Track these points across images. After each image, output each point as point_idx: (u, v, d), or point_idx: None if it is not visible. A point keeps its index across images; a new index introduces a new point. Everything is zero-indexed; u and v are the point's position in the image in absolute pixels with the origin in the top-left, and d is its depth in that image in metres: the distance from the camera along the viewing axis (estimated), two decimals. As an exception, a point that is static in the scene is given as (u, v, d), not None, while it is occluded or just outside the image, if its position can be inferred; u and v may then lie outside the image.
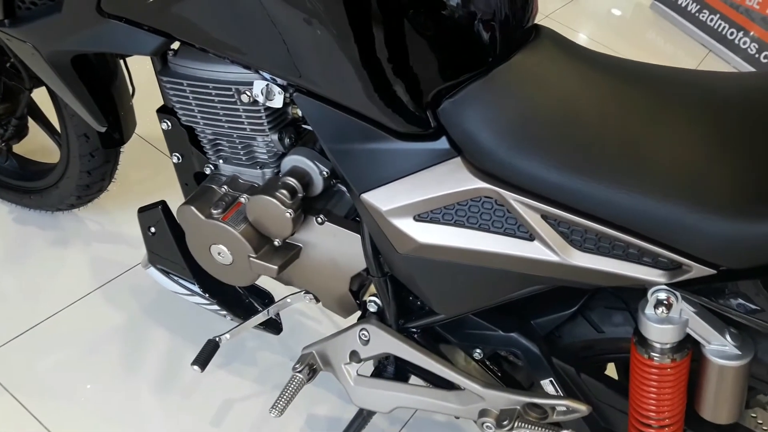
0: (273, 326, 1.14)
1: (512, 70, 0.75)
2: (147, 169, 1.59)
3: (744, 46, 2.65)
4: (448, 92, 0.74)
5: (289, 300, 1.06)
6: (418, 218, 0.78)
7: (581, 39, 2.68)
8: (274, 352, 1.28)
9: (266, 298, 1.13)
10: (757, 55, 2.60)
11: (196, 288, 1.08)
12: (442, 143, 0.76)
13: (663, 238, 0.66)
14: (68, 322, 1.26)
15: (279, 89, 0.82)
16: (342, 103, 0.77)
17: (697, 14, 2.81)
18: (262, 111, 0.85)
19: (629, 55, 2.57)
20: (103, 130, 1.05)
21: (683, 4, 2.88)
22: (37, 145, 1.40)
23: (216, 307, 1.10)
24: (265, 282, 1.07)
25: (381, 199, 0.80)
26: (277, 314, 1.13)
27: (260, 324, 1.11)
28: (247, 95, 0.84)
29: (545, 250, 0.72)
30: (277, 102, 0.83)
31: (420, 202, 0.77)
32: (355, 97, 0.76)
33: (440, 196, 0.76)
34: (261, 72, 0.81)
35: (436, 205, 0.77)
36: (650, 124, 0.72)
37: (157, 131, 1.01)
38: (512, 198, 0.72)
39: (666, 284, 0.69)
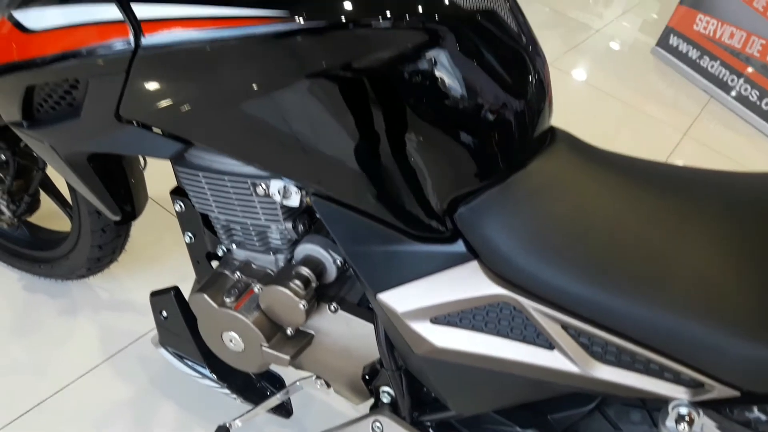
0: (283, 410, 1.13)
1: (529, 178, 0.75)
2: (155, 231, 1.59)
3: (745, 93, 2.67)
4: (464, 198, 0.75)
5: (300, 384, 1.05)
6: (435, 321, 0.78)
7: (583, 85, 2.70)
8: (283, 426, 1.27)
9: (277, 383, 1.12)
10: (758, 102, 2.62)
11: (207, 372, 1.08)
12: (459, 246, 0.76)
13: (685, 356, 0.66)
14: (75, 398, 1.26)
15: (296, 189, 0.82)
16: (359, 207, 0.77)
17: (697, 60, 2.84)
18: (278, 205, 0.86)
19: (631, 99, 2.59)
20: (117, 219, 1.05)
21: (684, 50, 2.91)
22: (48, 210, 1.40)
23: (227, 390, 1.09)
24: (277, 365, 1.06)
25: (397, 300, 0.79)
26: (288, 398, 1.12)
27: (270, 408, 1.10)
28: (263, 188, 0.84)
29: (565, 360, 0.72)
30: (294, 201, 0.83)
31: (437, 306, 0.77)
32: (372, 202, 0.76)
33: (458, 300, 0.76)
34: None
35: (453, 309, 0.77)
36: (671, 234, 0.72)
37: (164, 192, 1.01)
38: (531, 307, 0.72)
39: (688, 401, 0.69)
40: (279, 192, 0.83)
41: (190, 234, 1.01)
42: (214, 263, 1.03)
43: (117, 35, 0.70)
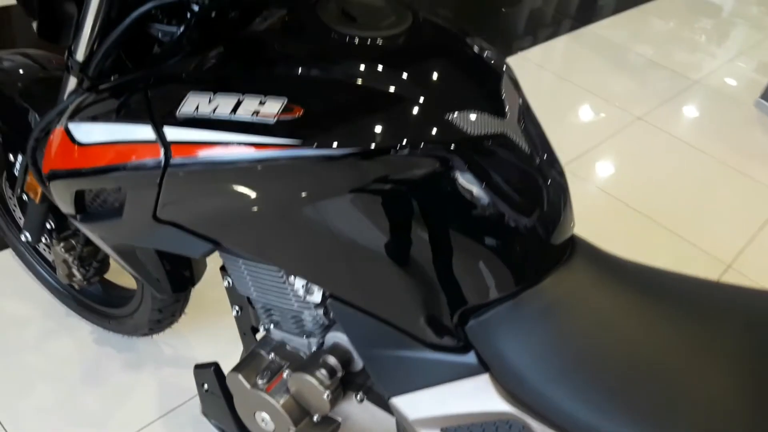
0: None
1: (542, 294, 0.73)
2: (222, 287, 1.65)
3: None
4: (476, 310, 0.74)
5: None
6: (445, 431, 0.77)
7: (676, 142, 2.58)
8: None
9: None
10: None
11: (244, 447, 1.10)
12: (471, 358, 0.75)
13: None
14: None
15: (318, 287, 0.85)
16: (373, 312, 0.78)
17: (806, 116, 2.65)
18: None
19: (733, 159, 2.45)
20: (163, 296, 1.11)
21: (791, 105, 2.72)
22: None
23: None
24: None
25: (409, 406, 0.79)
26: None
27: None
28: (291, 280, 0.88)
29: None
30: (316, 298, 0.86)
31: (447, 417, 0.76)
32: (385, 308, 0.77)
33: (467, 414, 0.75)
34: None
35: (463, 422, 0.75)
36: (691, 362, 0.68)
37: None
38: (540, 429, 0.70)
39: None
40: (302, 287, 0.87)
41: (237, 308, 1.06)
42: (259, 335, 1.07)
43: (150, 154, 0.76)
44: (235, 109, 0.70)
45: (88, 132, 0.82)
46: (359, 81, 0.69)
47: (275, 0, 0.81)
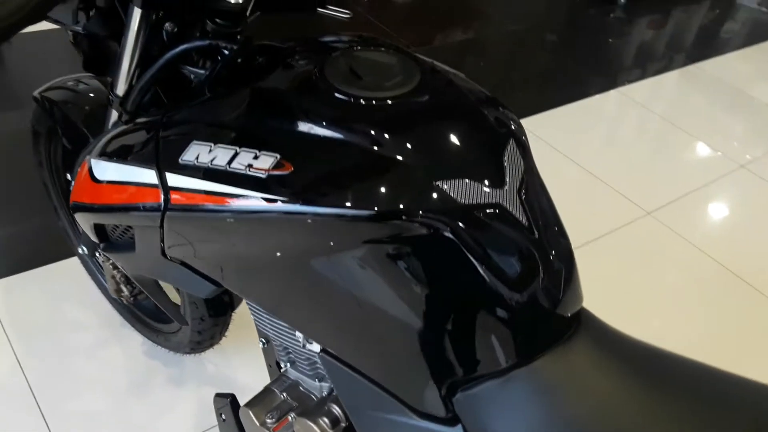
0: None
1: (536, 374, 0.67)
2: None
3: None
4: (464, 383, 0.69)
5: None
6: None
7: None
8: None
9: None
10: None
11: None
12: (458, 431, 0.70)
13: None
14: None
15: None
16: (361, 370, 0.75)
17: None
18: None
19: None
20: (179, 326, 1.13)
21: None
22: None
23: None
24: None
25: (393, 470, 0.75)
26: None
27: None
28: None
29: None
30: (316, 347, 0.85)
31: (428, 487, 0.72)
32: (374, 368, 0.74)
33: None
34: None
35: None
36: None
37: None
38: None
39: None
40: (302, 335, 0.86)
41: (263, 340, 1.07)
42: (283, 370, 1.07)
43: (152, 198, 0.78)
44: (230, 161, 0.71)
45: (104, 170, 0.86)
46: (351, 142, 0.68)
47: (293, 52, 0.81)
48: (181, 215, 0.76)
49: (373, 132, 0.67)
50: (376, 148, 0.66)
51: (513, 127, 0.74)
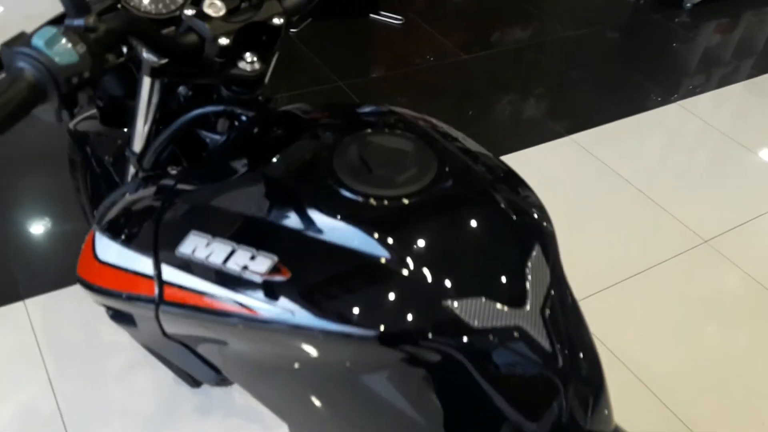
0: None
1: None
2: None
3: None
4: None
5: None
6: None
7: None
8: None
9: None
10: None
11: None
12: None
13: None
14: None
15: None
16: None
17: None
18: None
19: None
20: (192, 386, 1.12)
21: None
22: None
23: None
24: None
25: None
26: None
27: None
28: None
29: None
30: None
31: None
32: None
33: None
34: None
35: None
36: None
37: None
38: None
39: None
40: None
41: None
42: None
43: (146, 290, 0.75)
44: (227, 260, 0.67)
45: (106, 249, 0.82)
46: (355, 250, 0.62)
47: (308, 127, 0.76)
48: (175, 311, 0.72)
49: (379, 239, 0.61)
50: (382, 258, 0.60)
51: (541, 224, 0.68)
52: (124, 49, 0.65)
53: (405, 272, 0.60)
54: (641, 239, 2.12)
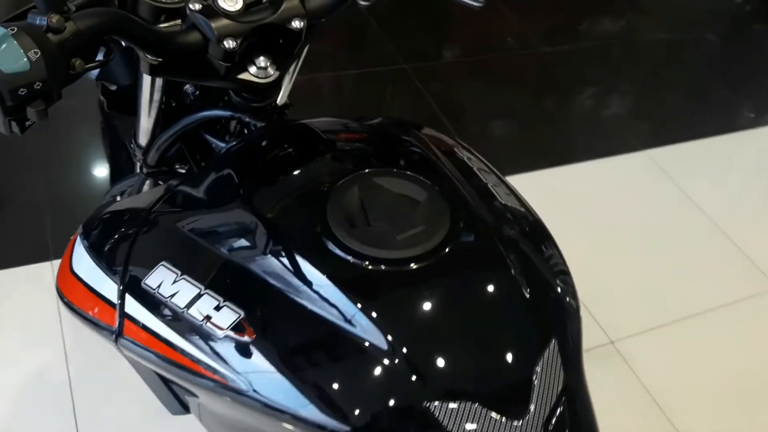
0: None
1: None
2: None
3: None
4: None
5: None
6: None
7: None
8: None
9: None
10: None
11: None
12: None
13: None
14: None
15: None
16: None
17: None
18: None
19: None
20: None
21: None
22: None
23: None
24: None
25: None
26: None
27: None
28: None
29: None
30: None
31: None
32: None
33: None
34: None
35: None
36: None
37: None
38: None
39: None
40: None
41: None
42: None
43: (108, 319, 0.66)
44: (190, 304, 0.58)
45: (80, 260, 0.72)
46: (334, 322, 0.53)
47: (316, 150, 0.66)
48: (134, 349, 0.64)
49: (364, 313, 0.51)
50: (364, 339, 0.50)
51: (563, 304, 0.56)
52: (101, 55, 0.55)
53: (389, 360, 0.50)
54: (706, 276, 1.95)
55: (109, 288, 0.66)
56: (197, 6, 0.62)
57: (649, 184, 2.21)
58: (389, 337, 0.50)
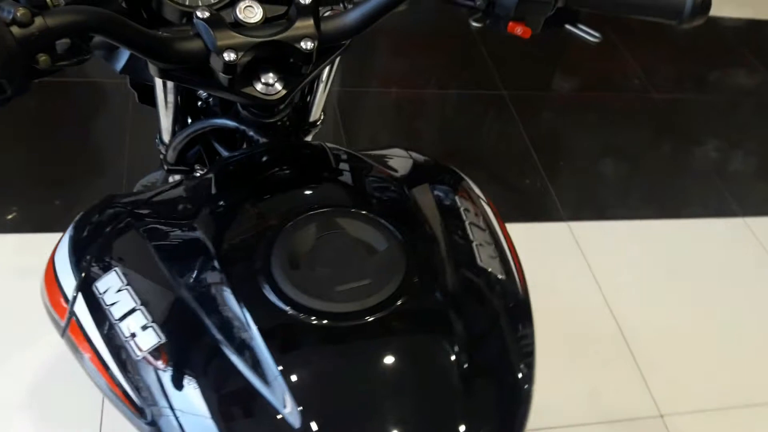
0: None
1: None
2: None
3: None
4: None
5: None
6: None
7: None
8: None
9: None
10: None
11: None
12: None
13: None
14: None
15: None
16: None
17: None
18: None
19: None
20: None
21: None
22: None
23: None
24: None
25: None
26: None
27: None
28: None
29: None
30: None
31: None
32: None
33: None
34: None
35: None
36: None
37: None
38: None
39: None
40: None
41: None
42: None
43: (60, 312, 0.65)
44: (124, 317, 0.57)
45: (60, 249, 0.69)
46: (251, 382, 0.50)
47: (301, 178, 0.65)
48: (72, 348, 0.64)
49: (281, 382, 0.48)
50: (278, 414, 0.47)
51: (514, 394, 0.51)
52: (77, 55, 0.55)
53: None
54: None
55: (68, 282, 0.65)
56: (205, 14, 0.61)
57: (740, 253, 2.04)
58: (304, 410, 0.47)
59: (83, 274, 0.64)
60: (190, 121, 0.82)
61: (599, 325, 1.76)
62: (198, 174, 0.86)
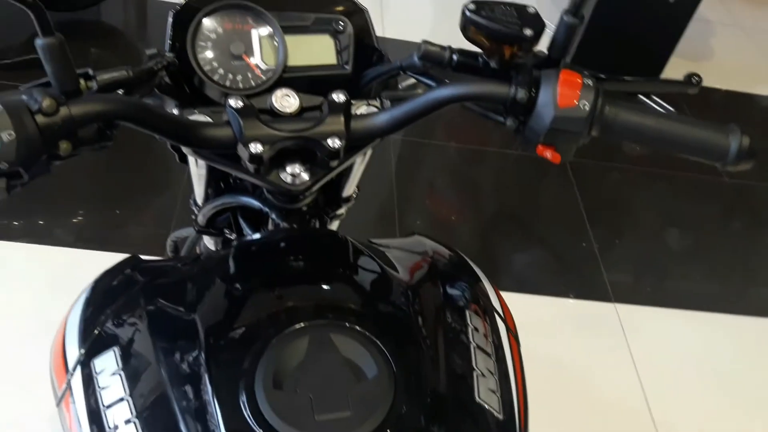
0: None
1: None
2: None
3: None
4: None
5: None
6: None
7: None
8: None
9: None
10: None
11: None
12: None
13: None
14: None
15: None
16: None
17: None
18: None
19: None
20: None
21: None
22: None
23: None
24: None
25: None
26: None
27: None
28: None
29: None
30: None
31: None
32: None
33: None
34: None
35: None
36: None
37: None
38: None
39: None
40: None
41: None
42: None
43: (60, 379, 0.63)
44: (111, 405, 0.56)
45: (74, 310, 0.69)
46: None
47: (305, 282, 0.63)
48: (61, 421, 0.62)
49: None
50: None
51: None
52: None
53: None
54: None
55: (72, 352, 0.64)
56: (239, 104, 0.61)
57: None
58: None
59: (87, 346, 0.62)
60: (223, 186, 0.82)
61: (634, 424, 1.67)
62: (226, 236, 0.86)
